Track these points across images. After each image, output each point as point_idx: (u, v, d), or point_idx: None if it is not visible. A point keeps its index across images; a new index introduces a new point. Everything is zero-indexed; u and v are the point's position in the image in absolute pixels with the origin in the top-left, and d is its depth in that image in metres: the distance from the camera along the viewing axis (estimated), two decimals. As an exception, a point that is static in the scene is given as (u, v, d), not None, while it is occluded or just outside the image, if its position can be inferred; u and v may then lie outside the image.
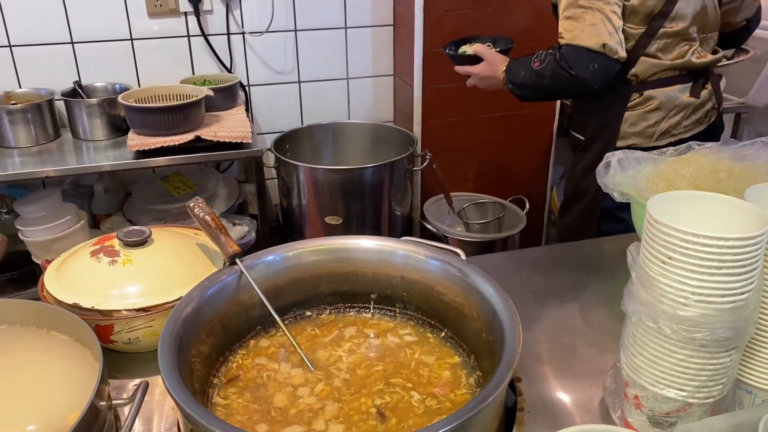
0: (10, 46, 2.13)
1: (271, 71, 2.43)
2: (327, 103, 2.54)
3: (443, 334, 0.98)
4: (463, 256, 0.96)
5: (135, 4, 2.19)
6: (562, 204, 1.84)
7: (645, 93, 1.56)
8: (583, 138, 1.70)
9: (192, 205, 1.02)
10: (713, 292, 0.71)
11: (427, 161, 2.20)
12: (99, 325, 0.95)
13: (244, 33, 2.34)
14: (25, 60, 2.16)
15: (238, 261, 0.94)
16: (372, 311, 1.03)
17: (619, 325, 0.84)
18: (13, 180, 1.91)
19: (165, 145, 1.87)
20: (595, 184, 1.59)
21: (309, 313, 1.03)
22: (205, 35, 2.28)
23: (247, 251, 0.96)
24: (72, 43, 2.19)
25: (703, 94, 1.59)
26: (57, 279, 1.02)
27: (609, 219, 1.64)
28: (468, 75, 1.73)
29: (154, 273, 1.02)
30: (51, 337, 0.90)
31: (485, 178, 2.51)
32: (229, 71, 2.36)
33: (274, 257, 0.98)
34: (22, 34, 2.13)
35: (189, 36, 2.29)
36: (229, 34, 2.32)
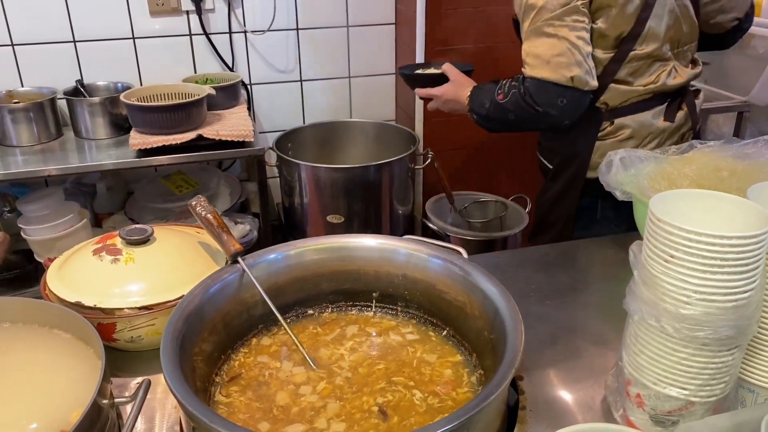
0: (13, 44, 2.14)
1: (273, 70, 2.44)
2: (329, 102, 2.54)
3: (445, 333, 0.98)
4: (465, 254, 0.96)
5: (137, 2, 2.19)
6: (532, 231, 1.73)
7: (616, 121, 1.43)
8: (550, 166, 1.58)
9: (194, 203, 1.02)
10: (716, 291, 0.71)
11: (429, 160, 2.19)
12: (101, 323, 0.95)
13: (246, 31, 2.34)
14: (28, 59, 2.17)
15: (240, 259, 0.94)
16: (374, 310, 1.03)
17: (621, 323, 0.84)
18: (16, 178, 1.92)
19: (167, 143, 1.87)
20: (564, 214, 1.52)
21: (311, 311, 1.03)
22: (207, 34, 2.28)
23: (249, 250, 0.96)
24: (74, 41, 2.19)
25: (679, 116, 1.46)
26: (59, 277, 1.03)
27: None
28: (429, 98, 1.60)
29: (157, 271, 1.02)
30: (53, 336, 0.90)
31: (487, 177, 2.50)
32: (231, 70, 2.36)
33: (276, 256, 0.98)
34: (24, 33, 2.13)
35: (191, 35, 2.29)
36: (231, 32, 2.32)
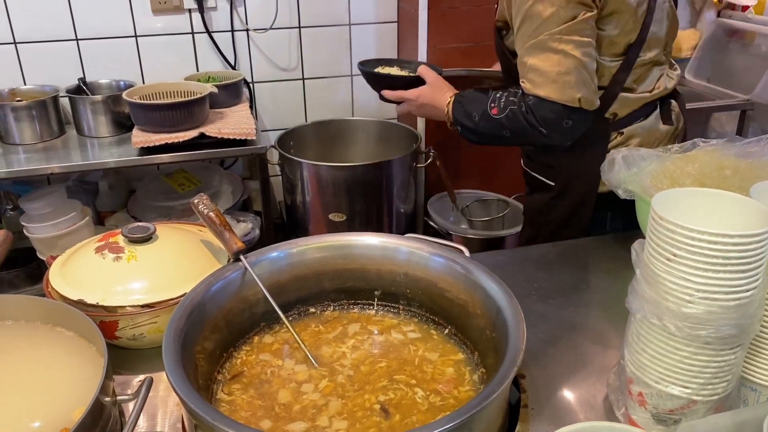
0: (15, 43, 2.14)
1: (275, 68, 2.44)
2: (331, 100, 2.54)
3: (447, 331, 0.98)
4: (466, 253, 0.96)
5: (139, 1, 2.20)
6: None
7: (625, 131, 1.36)
8: (550, 182, 1.47)
9: (196, 201, 1.02)
10: (718, 290, 0.71)
11: (431, 158, 2.20)
12: (104, 321, 0.95)
13: (248, 30, 2.34)
14: (30, 57, 2.17)
15: (242, 257, 0.94)
16: (376, 308, 1.03)
17: (623, 322, 0.84)
18: (18, 176, 1.92)
19: (169, 141, 1.87)
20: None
21: (313, 309, 1.03)
22: (209, 32, 2.29)
23: (251, 248, 0.96)
24: (77, 40, 2.19)
25: (674, 117, 1.42)
26: (62, 275, 1.03)
27: None
28: (399, 100, 1.50)
29: (159, 269, 1.02)
30: (56, 333, 0.90)
31: (489, 176, 2.50)
32: (234, 68, 2.36)
33: (278, 254, 0.98)
34: (26, 31, 2.14)
35: (193, 33, 2.30)
36: (233, 30, 2.32)
